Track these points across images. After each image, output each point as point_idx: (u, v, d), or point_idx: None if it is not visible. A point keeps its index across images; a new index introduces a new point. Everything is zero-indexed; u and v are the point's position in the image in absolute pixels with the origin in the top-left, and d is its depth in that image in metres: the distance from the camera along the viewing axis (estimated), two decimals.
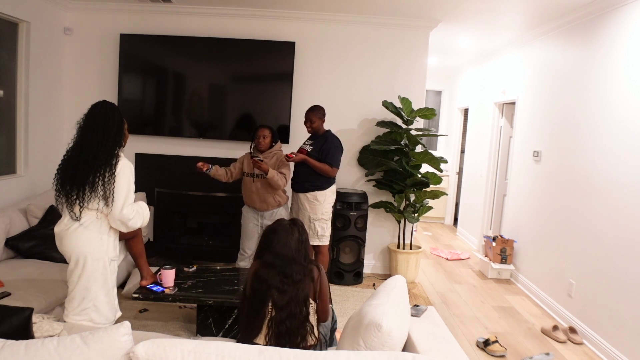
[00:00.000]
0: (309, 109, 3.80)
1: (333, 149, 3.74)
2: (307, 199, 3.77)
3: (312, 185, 3.74)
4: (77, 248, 2.32)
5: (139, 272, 3.84)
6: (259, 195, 3.64)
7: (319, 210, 3.78)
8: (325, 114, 3.84)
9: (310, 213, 3.77)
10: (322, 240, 3.83)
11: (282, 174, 3.57)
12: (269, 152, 3.69)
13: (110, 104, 2.40)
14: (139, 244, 2.82)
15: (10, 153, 4.06)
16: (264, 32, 4.59)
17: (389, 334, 1.65)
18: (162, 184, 4.70)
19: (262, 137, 3.65)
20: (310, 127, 3.79)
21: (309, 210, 3.77)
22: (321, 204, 3.77)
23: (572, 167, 3.83)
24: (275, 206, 3.70)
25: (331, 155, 3.71)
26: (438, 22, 4.51)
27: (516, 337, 3.51)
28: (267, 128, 3.70)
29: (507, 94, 5.30)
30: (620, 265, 3.15)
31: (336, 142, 3.78)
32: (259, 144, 3.66)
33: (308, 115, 3.78)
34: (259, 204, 3.67)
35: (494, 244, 4.88)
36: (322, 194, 3.76)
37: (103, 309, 2.39)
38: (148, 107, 4.65)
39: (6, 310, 1.95)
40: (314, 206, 3.77)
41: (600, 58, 3.54)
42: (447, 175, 7.49)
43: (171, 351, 1.34)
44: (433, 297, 4.28)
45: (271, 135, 3.69)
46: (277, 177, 3.50)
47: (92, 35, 4.63)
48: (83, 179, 2.24)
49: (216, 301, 2.84)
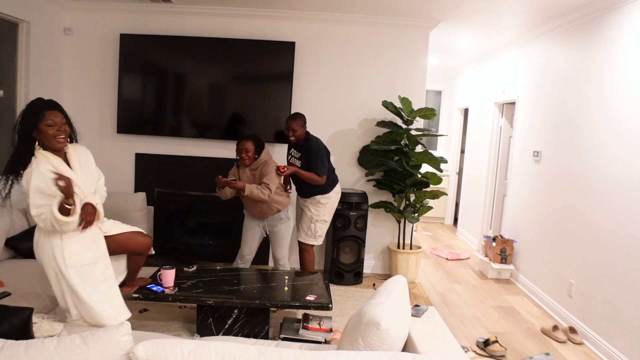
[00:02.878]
0: (290, 117, 3.68)
1: (316, 157, 3.64)
2: (312, 202, 3.81)
3: (315, 189, 3.78)
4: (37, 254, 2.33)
5: None
6: (255, 207, 3.55)
7: (322, 212, 3.83)
8: (306, 120, 3.74)
9: (313, 214, 3.81)
10: (318, 240, 3.91)
11: (264, 184, 3.38)
12: (255, 163, 3.50)
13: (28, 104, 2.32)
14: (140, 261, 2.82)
15: (10, 153, 4.05)
16: (264, 32, 4.59)
17: (387, 332, 1.65)
18: (162, 184, 4.70)
19: (244, 151, 3.40)
20: (293, 136, 3.66)
21: (312, 211, 3.81)
22: (324, 206, 3.83)
23: (572, 167, 3.83)
24: (275, 212, 3.60)
25: (315, 164, 3.64)
26: (438, 22, 4.51)
27: (516, 337, 3.51)
28: (248, 140, 3.43)
29: (507, 94, 5.30)
30: (620, 265, 3.15)
31: (318, 149, 3.68)
32: (243, 159, 3.43)
33: (289, 124, 3.63)
34: (259, 215, 3.61)
35: (494, 244, 4.88)
36: (325, 197, 3.81)
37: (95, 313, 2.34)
38: (148, 107, 4.65)
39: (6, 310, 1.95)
40: (318, 208, 3.81)
41: (600, 58, 3.54)
42: (447, 175, 7.49)
43: (171, 351, 1.34)
44: (433, 297, 4.28)
45: (254, 146, 3.43)
46: (257, 192, 3.32)
47: (92, 35, 4.63)
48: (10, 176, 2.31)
49: (216, 301, 2.84)
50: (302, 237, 3.90)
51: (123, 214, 4.27)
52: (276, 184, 3.47)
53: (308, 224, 3.85)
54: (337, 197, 3.93)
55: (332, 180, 3.87)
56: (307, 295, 2.98)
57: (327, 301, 2.90)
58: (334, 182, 3.89)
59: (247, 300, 2.86)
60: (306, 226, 3.87)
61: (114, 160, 4.73)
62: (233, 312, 2.97)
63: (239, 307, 2.96)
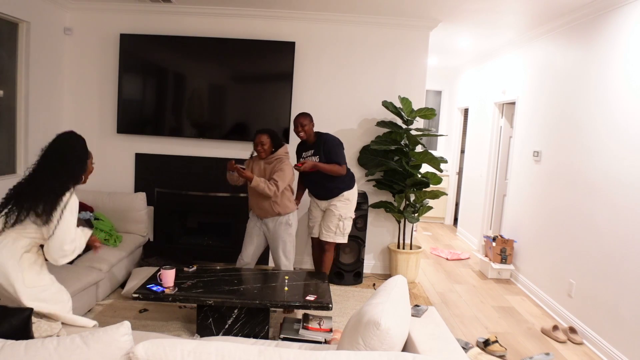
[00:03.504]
0: (299, 115, 3.67)
1: (335, 147, 3.68)
2: (340, 199, 3.78)
3: (337, 189, 3.77)
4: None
5: (139, 272, 3.87)
6: (257, 201, 3.49)
7: (350, 208, 3.83)
8: (312, 119, 3.75)
9: (341, 212, 3.79)
10: (346, 238, 3.89)
11: (273, 180, 3.33)
12: (272, 157, 3.47)
13: (76, 136, 2.31)
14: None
15: (10, 153, 4.06)
16: (264, 32, 4.59)
17: (387, 332, 1.65)
18: (162, 184, 4.70)
19: (259, 144, 3.41)
20: (303, 132, 3.63)
21: (340, 209, 3.78)
22: (351, 202, 3.84)
23: (572, 167, 3.83)
24: (275, 215, 3.49)
25: (335, 154, 3.66)
26: (438, 22, 4.51)
27: (516, 337, 3.51)
28: (264, 133, 3.43)
29: (507, 94, 5.30)
30: (620, 265, 3.15)
31: (335, 140, 3.73)
32: (259, 152, 3.45)
33: (298, 120, 3.63)
34: (258, 211, 3.53)
35: (494, 244, 4.88)
36: (351, 192, 3.82)
37: None
38: (148, 107, 4.65)
39: (6, 310, 1.95)
40: (346, 205, 3.80)
41: (600, 58, 3.54)
42: (447, 175, 7.49)
43: (171, 351, 1.34)
44: (433, 297, 4.28)
45: (270, 140, 3.43)
46: (262, 186, 3.26)
47: (92, 35, 4.63)
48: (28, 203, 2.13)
49: (216, 301, 2.84)
50: (330, 236, 3.81)
51: (123, 214, 4.28)
52: (286, 183, 3.40)
53: (336, 223, 3.79)
54: (357, 194, 3.96)
55: (352, 174, 3.90)
56: (307, 295, 2.98)
57: (327, 301, 2.90)
58: (353, 176, 3.92)
59: (247, 300, 2.86)
60: (334, 225, 3.79)
61: (114, 160, 4.73)
62: (233, 312, 2.97)
63: (239, 307, 2.96)
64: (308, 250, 4.77)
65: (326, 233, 3.83)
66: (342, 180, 3.76)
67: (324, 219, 3.86)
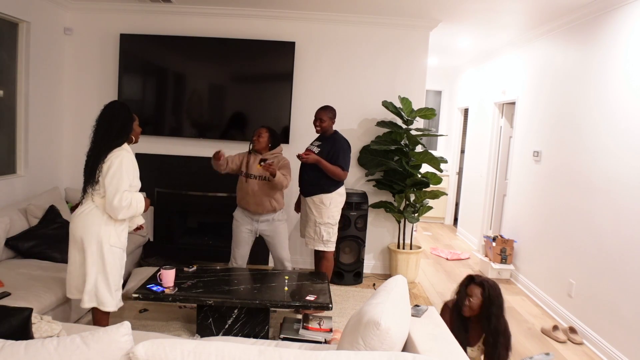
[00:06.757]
0: (320, 108, 3.68)
1: (343, 151, 3.60)
2: (314, 202, 3.63)
3: (317, 188, 3.62)
4: (78, 230, 2.56)
5: (139, 272, 3.88)
6: (255, 197, 3.49)
7: (324, 214, 3.61)
8: (335, 115, 3.71)
9: (316, 217, 3.62)
10: (328, 246, 3.66)
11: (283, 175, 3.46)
12: (270, 154, 3.55)
13: (118, 103, 2.67)
14: None
15: (10, 153, 4.06)
16: (264, 32, 4.59)
17: (387, 332, 1.65)
18: (162, 184, 4.70)
19: (257, 135, 3.54)
20: (320, 126, 3.64)
21: (315, 214, 3.63)
22: (327, 207, 3.61)
23: (572, 167, 3.83)
24: (271, 211, 3.54)
25: (342, 158, 3.58)
26: (438, 22, 4.51)
27: (516, 337, 3.51)
28: (265, 128, 3.57)
29: (507, 94, 5.30)
30: (620, 265, 3.15)
31: (345, 145, 3.65)
32: (254, 142, 3.55)
33: (318, 114, 3.64)
34: (254, 207, 3.51)
35: (494, 244, 4.88)
36: (327, 196, 3.61)
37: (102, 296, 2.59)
38: (148, 107, 4.65)
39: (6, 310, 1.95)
40: (320, 210, 3.61)
41: (600, 58, 3.54)
42: (447, 175, 7.49)
43: (171, 351, 1.34)
44: (433, 297, 4.28)
45: (269, 135, 3.55)
46: (282, 179, 3.38)
47: (92, 35, 4.63)
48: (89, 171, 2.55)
49: (216, 301, 2.84)
50: (311, 243, 3.69)
51: None
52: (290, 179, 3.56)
53: (313, 227, 3.65)
54: (341, 200, 3.70)
55: (340, 181, 3.70)
56: (307, 295, 2.98)
57: (327, 301, 2.90)
58: (339, 183, 3.70)
59: (247, 300, 2.86)
60: (312, 230, 3.66)
61: None
62: (233, 312, 2.98)
63: (239, 307, 2.96)
64: (308, 250, 4.77)
65: (308, 238, 3.72)
66: (321, 182, 3.61)
67: (304, 223, 3.80)
